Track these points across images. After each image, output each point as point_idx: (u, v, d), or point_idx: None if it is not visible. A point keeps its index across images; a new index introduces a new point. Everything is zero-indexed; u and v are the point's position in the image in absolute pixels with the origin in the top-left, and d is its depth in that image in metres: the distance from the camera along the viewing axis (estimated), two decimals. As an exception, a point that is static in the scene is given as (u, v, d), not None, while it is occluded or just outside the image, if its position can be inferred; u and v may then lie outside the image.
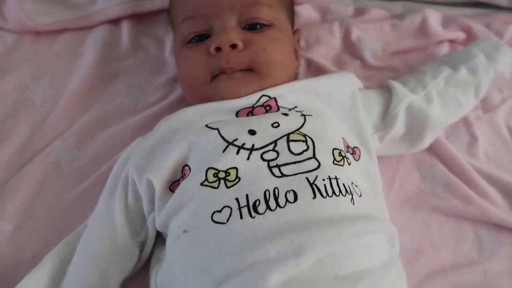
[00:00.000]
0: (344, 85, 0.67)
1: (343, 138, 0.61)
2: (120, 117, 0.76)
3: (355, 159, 0.60)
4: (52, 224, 0.66)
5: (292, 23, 0.75)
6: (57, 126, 0.74)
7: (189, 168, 0.56)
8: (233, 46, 0.61)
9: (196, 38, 0.65)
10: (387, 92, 0.70)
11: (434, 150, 0.77)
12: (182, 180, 0.56)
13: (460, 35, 0.92)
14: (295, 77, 0.73)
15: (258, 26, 0.64)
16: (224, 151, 0.54)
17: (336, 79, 0.67)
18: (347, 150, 0.60)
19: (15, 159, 0.71)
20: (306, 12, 0.91)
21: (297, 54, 0.74)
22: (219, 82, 0.62)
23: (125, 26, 0.86)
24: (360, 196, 0.56)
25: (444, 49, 0.91)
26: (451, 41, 0.93)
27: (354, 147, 0.62)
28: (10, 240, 0.64)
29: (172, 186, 0.58)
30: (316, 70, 0.83)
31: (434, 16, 0.93)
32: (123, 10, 0.86)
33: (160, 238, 0.62)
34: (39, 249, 0.63)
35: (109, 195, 0.61)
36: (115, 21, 0.87)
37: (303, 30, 0.80)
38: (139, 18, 0.88)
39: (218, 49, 0.61)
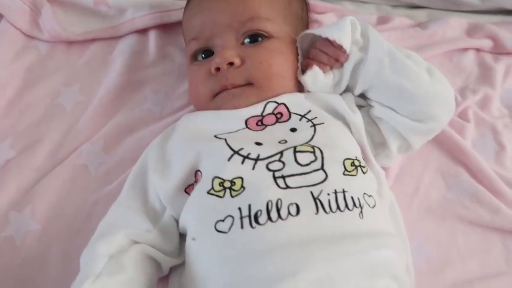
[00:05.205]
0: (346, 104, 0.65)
1: (359, 146, 0.61)
2: (146, 123, 0.78)
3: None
4: (79, 224, 0.68)
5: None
6: (87, 130, 0.77)
7: (201, 174, 0.57)
8: (231, 63, 0.62)
9: (203, 55, 0.67)
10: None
11: (459, 158, 0.76)
12: (196, 184, 0.57)
13: (487, 43, 0.91)
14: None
15: (259, 38, 0.65)
16: (229, 159, 0.55)
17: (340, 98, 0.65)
18: (363, 157, 0.60)
19: (47, 161, 0.73)
20: (329, 21, 0.91)
21: None
22: (220, 99, 0.64)
23: (152, 35, 0.89)
24: (374, 207, 0.55)
25: (470, 56, 0.90)
26: (478, 49, 0.92)
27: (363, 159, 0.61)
28: (39, 239, 0.66)
29: (188, 189, 0.59)
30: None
31: (459, 24, 0.92)
32: (151, 21, 0.88)
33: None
34: (66, 248, 0.66)
35: (132, 185, 0.62)
36: (143, 31, 0.89)
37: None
38: (166, 28, 0.90)
39: (217, 69, 0.63)
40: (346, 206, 0.52)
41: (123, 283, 0.52)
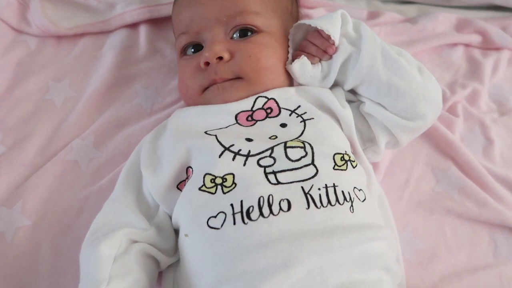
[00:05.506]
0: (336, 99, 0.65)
1: (348, 141, 0.61)
2: (137, 118, 0.78)
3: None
4: (70, 220, 0.68)
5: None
6: (77, 126, 0.76)
7: (192, 170, 0.57)
8: (220, 58, 0.62)
9: (192, 49, 0.67)
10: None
11: (448, 152, 0.77)
12: (187, 180, 0.57)
13: (476, 38, 0.91)
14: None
15: (249, 33, 0.64)
16: (220, 156, 0.55)
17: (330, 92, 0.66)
18: (353, 151, 0.60)
19: (36, 157, 0.73)
20: (319, 15, 0.92)
21: None
22: (210, 93, 0.63)
23: (142, 30, 0.88)
24: (364, 200, 0.55)
25: (459, 51, 0.91)
26: (467, 45, 0.92)
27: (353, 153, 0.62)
28: (30, 235, 0.66)
29: (180, 185, 0.59)
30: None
31: (448, 19, 0.93)
32: (141, 15, 0.88)
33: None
34: (57, 244, 0.66)
35: (125, 182, 0.62)
36: (133, 26, 0.89)
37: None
38: (156, 23, 0.90)
39: (207, 63, 0.63)
40: (337, 200, 0.52)
41: (132, 285, 0.53)
